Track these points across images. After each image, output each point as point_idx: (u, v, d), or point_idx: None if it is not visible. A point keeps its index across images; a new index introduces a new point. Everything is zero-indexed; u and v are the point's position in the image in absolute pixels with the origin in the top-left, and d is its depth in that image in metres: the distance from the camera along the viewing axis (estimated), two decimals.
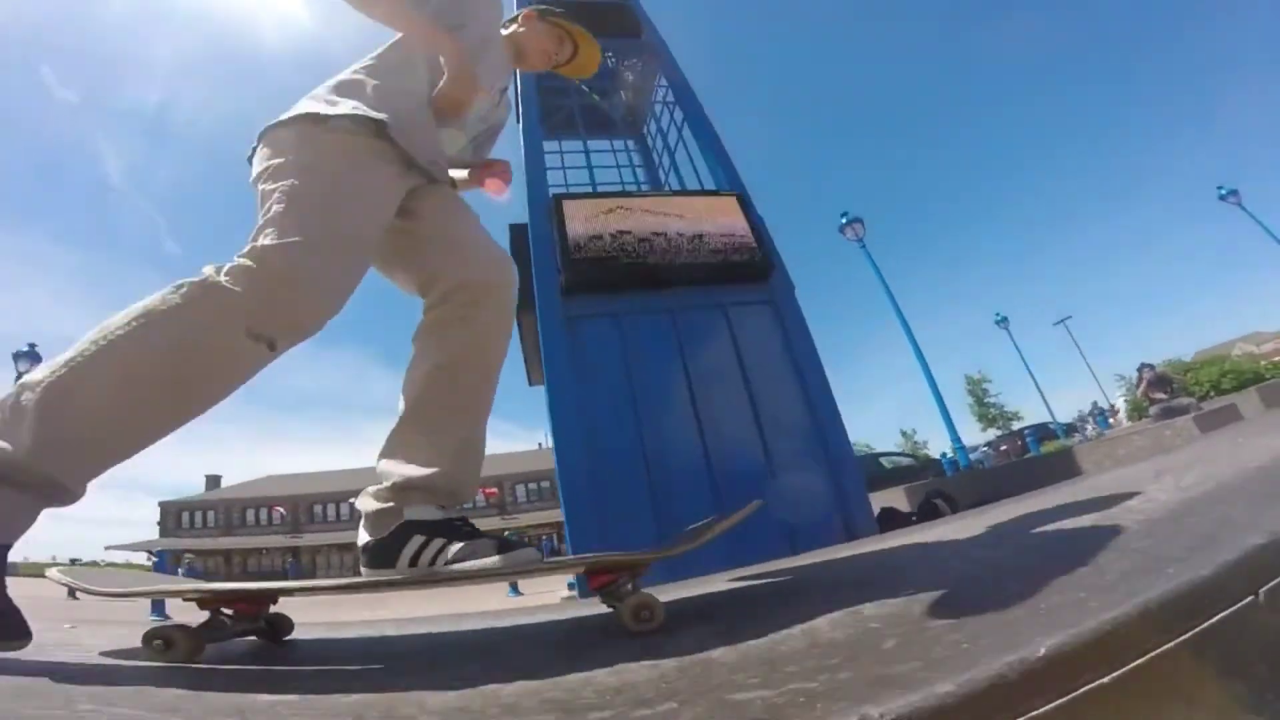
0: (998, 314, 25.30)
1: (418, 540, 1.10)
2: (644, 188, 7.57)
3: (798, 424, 4.64)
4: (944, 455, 12.56)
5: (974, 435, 29.88)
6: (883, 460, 14.60)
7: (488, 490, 37.31)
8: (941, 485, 6.55)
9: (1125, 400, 12.77)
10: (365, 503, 1.19)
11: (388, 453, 1.20)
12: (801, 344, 4.94)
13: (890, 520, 4.76)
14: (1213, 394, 10.22)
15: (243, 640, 1.15)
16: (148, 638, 0.93)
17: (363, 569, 1.15)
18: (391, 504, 1.15)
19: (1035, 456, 8.16)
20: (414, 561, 1.09)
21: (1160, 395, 9.63)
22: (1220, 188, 18.21)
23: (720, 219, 5.31)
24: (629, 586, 1.04)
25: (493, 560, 1.06)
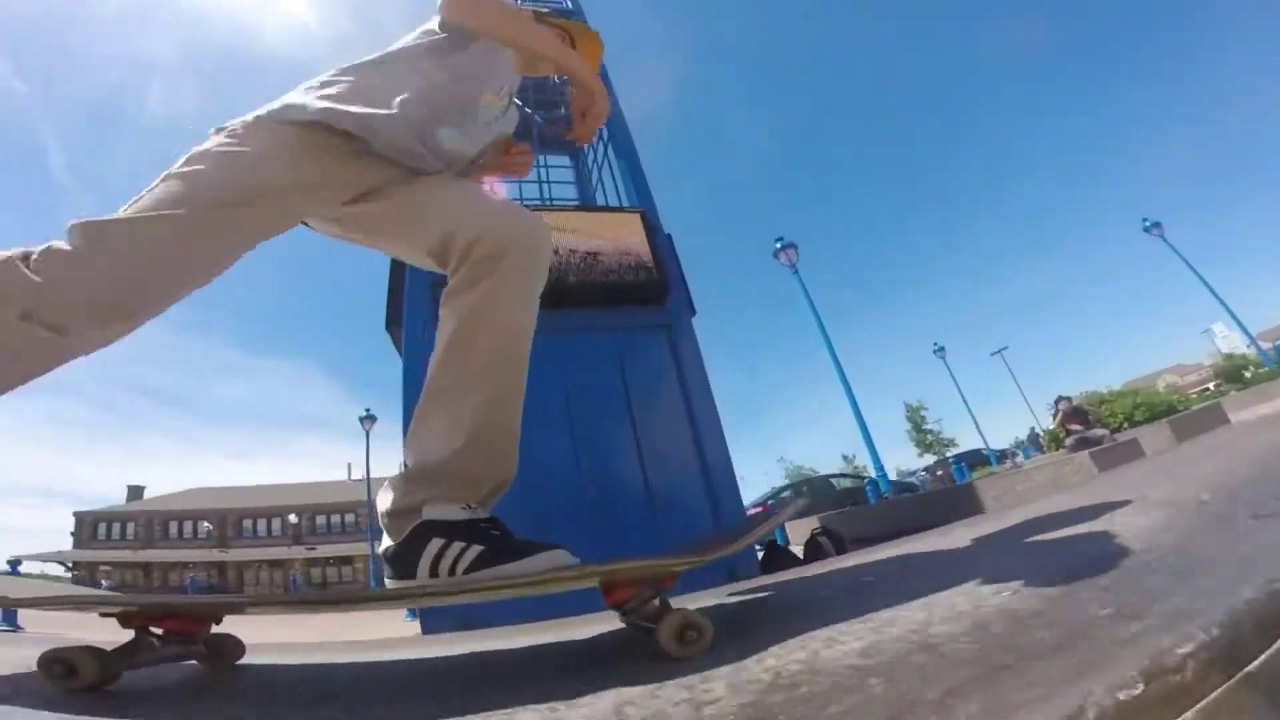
0: (935, 344, 25.85)
1: (437, 544, 0.97)
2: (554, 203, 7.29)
3: (683, 457, 4.39)
4: (872, 478, 12.65)
5: (912, 460, 30.46)
6: (833, 481, 15.46)
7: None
8: (828, 522, 6.39)
9: (1045, 431, 13.08)
10: (384, 499, 1.06)
11: (408, 437, 1.09)
12: (694, 373, 4.69)
13: (775, 560, 4.53)
14: (1126, 425, 10.45)
15: (180, 665, 0.99)
16: (45, 661, 0.79)
17: (387, 580, 1.03)
18: (408, 499, 1.03)
19: (939, 490, 8.03)
20: (434, 570, 0.96)
21: (1076, 427, 9.80)
22: (1145, 219, 18.80)
23: (619, 237, 5.06)
24: (655, 602, 0.88)
25: (515, 566, 0.93)
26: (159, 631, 0.90)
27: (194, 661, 1.00)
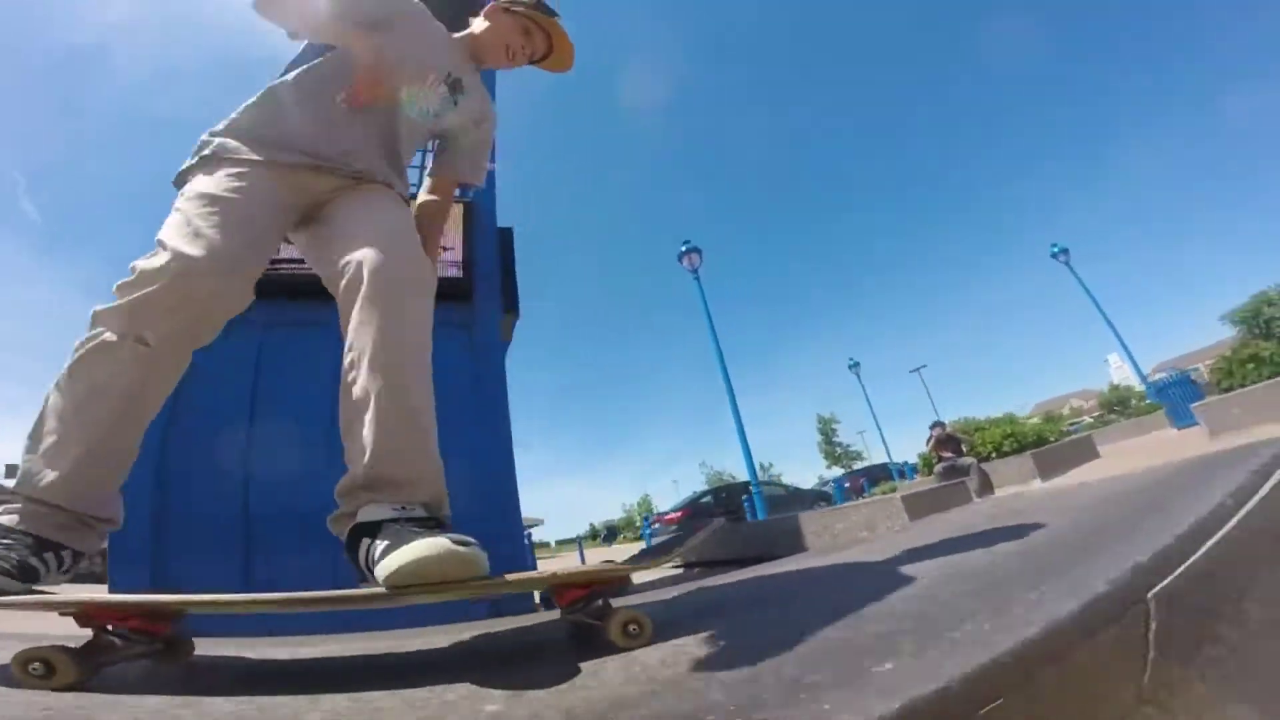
0: (851, 359, 26.25)
1: (365, 543, 1.04)
2: None
3: (460, 473, 3.98)
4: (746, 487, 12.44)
5: (821, 472, 31.01)
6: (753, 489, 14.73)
7: None
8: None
9: (919, 456, 13.30)
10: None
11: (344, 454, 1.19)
12: (490, 379, 4.31)
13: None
14: (994, 455, 10.62)
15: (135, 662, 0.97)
16: (22, 660, 0.79)
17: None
18: (347, 506, 1.12)
19: (769, 520, 7.70)
20: (369, 565, 1.01)
21: (948, 454, 9.90)
22: (1054, 245, 19.22)
23: None
24: (599, 602, 1.01)
25: (423, 551, 0.92)
26: (121, 630, 0.90)
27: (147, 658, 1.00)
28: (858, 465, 27.89)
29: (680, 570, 7.85)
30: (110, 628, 0.90)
